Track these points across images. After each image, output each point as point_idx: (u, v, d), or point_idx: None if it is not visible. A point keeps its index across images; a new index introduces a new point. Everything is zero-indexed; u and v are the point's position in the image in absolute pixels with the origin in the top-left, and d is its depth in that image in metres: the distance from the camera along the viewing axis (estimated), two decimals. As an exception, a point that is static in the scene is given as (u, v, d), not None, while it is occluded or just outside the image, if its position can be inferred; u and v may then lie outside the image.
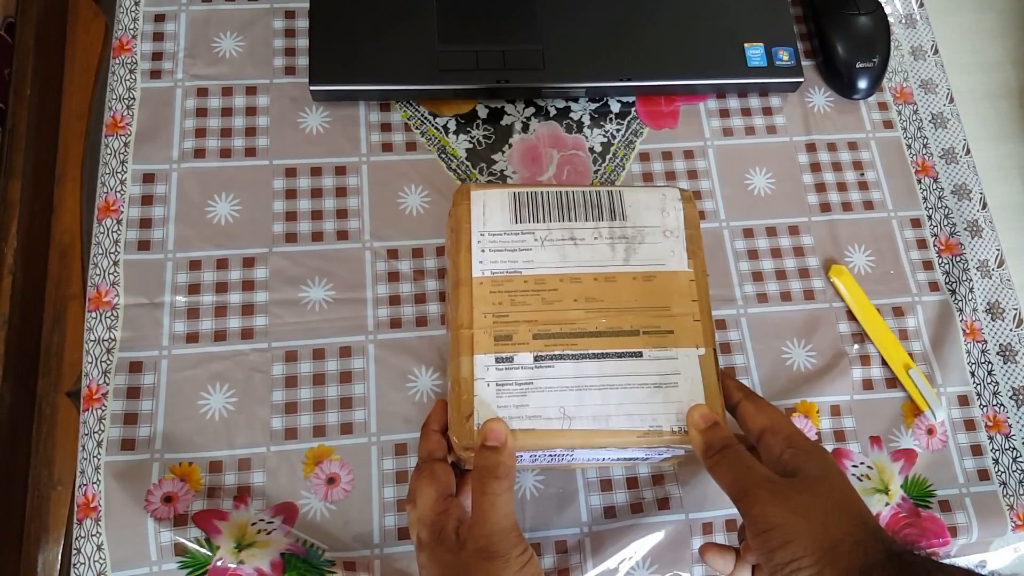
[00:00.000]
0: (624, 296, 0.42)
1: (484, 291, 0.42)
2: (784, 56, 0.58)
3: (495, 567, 0.35)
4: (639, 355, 0.41)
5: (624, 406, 0.40)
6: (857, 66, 0.60)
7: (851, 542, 0.33)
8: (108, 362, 0.49)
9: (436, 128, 0.57)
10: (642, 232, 0.44)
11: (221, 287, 0.51)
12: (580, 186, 0.46)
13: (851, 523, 0.34)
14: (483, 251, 0.42)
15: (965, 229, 0.58)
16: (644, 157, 0.58)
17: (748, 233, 0.56)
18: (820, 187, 0.58)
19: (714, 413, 0.40)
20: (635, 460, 0.45)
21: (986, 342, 0.55)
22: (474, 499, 0.38)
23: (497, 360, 0.40)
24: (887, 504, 0.50)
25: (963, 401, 0.54)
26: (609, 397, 0.40)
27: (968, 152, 0.61)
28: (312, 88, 0.55)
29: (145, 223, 0.52)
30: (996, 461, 0.52)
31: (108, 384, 0.48)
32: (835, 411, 0.52)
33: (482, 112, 0.58)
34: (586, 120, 0.59)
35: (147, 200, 0.53)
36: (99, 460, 0.47)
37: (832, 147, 0.59)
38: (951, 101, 0.62)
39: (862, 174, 0.59)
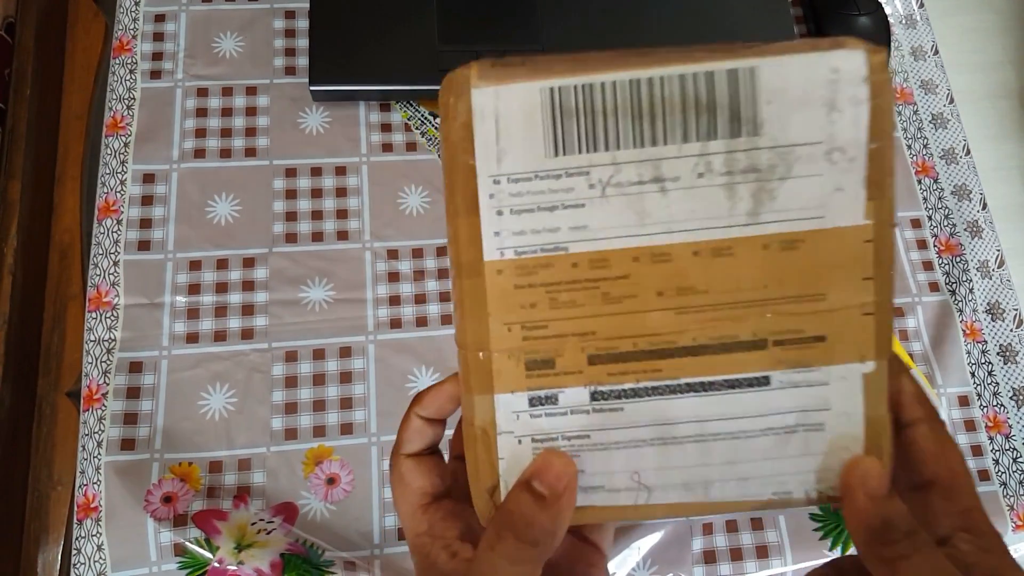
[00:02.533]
0: (745, 280, 0.25)
1: (506, 284, 0.25)
2: (784, 56, 0.58)
3: None
4: (764, 382, 0.25)
5: (735, 467, 0.25)
6: (857, 66, 0.60)
7: None
8: (108, 362, 0.49)
9: (436, 128, 0.57)
10: (788, 156, 0.24)
11: (221, 287, 0.51)
12: (674, 51, 0.24)
13: None
14: (500, 213, 0.25)
15: (965, 230, 0.58)
16: (644, 157, 0.58)
17: (748, 233, 0.56)
18: (820, 187, 0.58)
19: (883, 465, 0.25)
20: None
21: (986, 343, 0.55)
22: (480, 553, 0.25)
23: (532, 402, 0.25)
24: (887, 504, 0.50)
25: (963, 402, 0.54)
26: (711, 454, 0.25)
27: (968, 152, 0.61)
28: (312, 88, 0.55)
29: (145, 223, 0.52)
30: (996, 462, 0.52)
31: (108, 384, 0.48)
32: (835, 411, 0.52)
33: (482, 112, 0.58)
34: (586, 120, 0.58)
35: (147, 200, 0.53)
36: (99, 460, 0.47)
37: (832, 147, 0.59)
38: (951, 101, 0.62)
39: (862, 174, 0.59)
